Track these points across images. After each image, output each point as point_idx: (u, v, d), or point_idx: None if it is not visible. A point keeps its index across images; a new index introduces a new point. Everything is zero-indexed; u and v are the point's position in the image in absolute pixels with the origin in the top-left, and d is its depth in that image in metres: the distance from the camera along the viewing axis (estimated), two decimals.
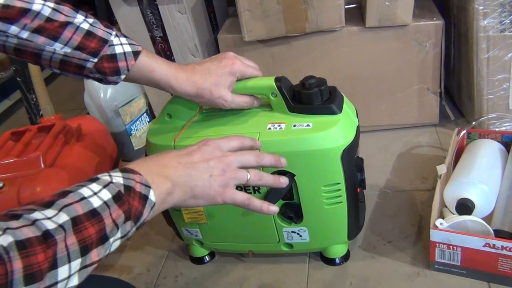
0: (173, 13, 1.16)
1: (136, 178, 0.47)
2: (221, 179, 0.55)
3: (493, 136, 0.96)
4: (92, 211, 0.41)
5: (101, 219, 0.42)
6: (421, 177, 1.03)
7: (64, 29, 0.60)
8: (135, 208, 0.45)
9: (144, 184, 0.47)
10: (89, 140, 1.05)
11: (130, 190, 0.45)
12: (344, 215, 0.78)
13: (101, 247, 0.41)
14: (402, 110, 1.18)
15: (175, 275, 0.92)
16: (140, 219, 0.46)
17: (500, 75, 1.03)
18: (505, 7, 0.96)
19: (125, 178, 0.46)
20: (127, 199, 0.44)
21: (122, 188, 0.45)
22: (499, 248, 0.70)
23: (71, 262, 0.39)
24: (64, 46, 0.61)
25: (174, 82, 0.69)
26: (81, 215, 0.40)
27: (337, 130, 0.71)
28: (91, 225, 0.41)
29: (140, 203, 0.46)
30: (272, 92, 0.74)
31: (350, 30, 1.09)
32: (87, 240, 0.40)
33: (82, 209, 0.41)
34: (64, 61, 0.63)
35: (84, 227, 0.40)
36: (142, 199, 0.46)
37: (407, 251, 0.85)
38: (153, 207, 0.48)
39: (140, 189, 0.46)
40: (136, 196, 0.46)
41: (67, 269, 0.38)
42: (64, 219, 0.39)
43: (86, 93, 1.28)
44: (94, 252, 0.41)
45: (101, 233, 0.41)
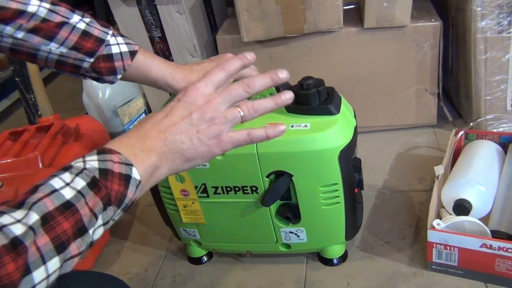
0: (172, 13, 1.16)
1: (114, 158, 0.43)
2: (211, 130, 0.48)
3: (491, 137, 0.96)
4: (65, 204, 0.38)
5: (75, 210, 0.39)
6: (419, 178, 1.03)
7: (60, 29, 0.60)
8: (115, 192, 0.42)
9: (125, 163, 0.43)
10: (87, 140, 1.05)
11: (107, 173, 0.42)
12: (341, 216, 0.78)
13: (80, 239, 0.39)
14: (400, 111, 1.19)
15: (173, 275, 0.92)
16: (124, 201, 0.43)
17: (498, 76, 1.04)
18: (503, 9, 0.96)
19: (101, 160, 0.42)
20: (104, 183, 0.41)
21: (97, 173, 0.41)
22: (496, 248, 0.71)
23: (47, 262, 0.36)
24: (60, 46, 0.61)
25: (171, 81, 0.69)
26: (51, 210, 0.38)
27: (334, 130, 0.71)
28: (65, 219, 0.38)
29: (121, 185, 0.42)
30: (270, 93, 0.75)
31: (348, 31, 1.09)
32: (61, 236, 0.37)
33: (53, 203, 0.38)
34: (60, 61, 0.63)
35: (57, 223, 0.37)
36: (123, 179, 0.43)
37: (404, 251, 0.85)
38: (138, 185, 0.44)
39: (119, 169, 0.43)
40: (115, 178, 0.42)
41: (43, 271, 0.36)
42: (34, 219, 0.37)
43: (85, 93, 1.28)
44: (73, 246, 0.38)
45: (77, 225, 0.39)
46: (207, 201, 0.80)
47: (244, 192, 0.77)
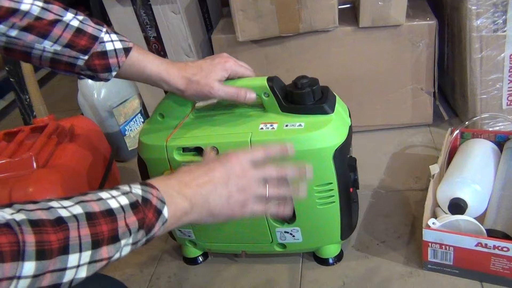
0: (167, 13, 1.16)
1: (154, 192, 0.48)
2: (240, 197, 0.55)
3: (486, 135, 0.96)
4: (108, 210, 0.43)
5: (115, 219, 0.43)
6: (415, 177, 1.03)
7: (53, 27, 0.60)
8: (149, 219, 0.46)
9: (160, 199, 0.48)
10: (82, 141, 1.05)
11: (147, 202, 0.46)
12: (337, 215, 0.78)
13: (112, 246, 0.42)
14: (396, 110, 1.18)
15: (168, 275, 0.91)
16: (151, 231, 0.47)
17: (493, 75, 1.04)
18: (498, 7, 0.96)
19: (144, 190, 0.47)
20: (143, 209, 0.45)
21: (140, 199, 0.46)
22: (491, 247, 0.70)
23: (82, 252, 0.39)
24: (54, 43, 0.61)
25: (166, 77, 0.69)
26: (96, 212, 0.42)
27: (329, 130, 0.71)
28: (105, 223, 0.42)
29: (154, 216, 0.47)
30: (264, 92, 0.74)
31: (343, 30, 1.09)
32: (99, 235, 0.41)
33: (99, 207, 0.42)
34: (55, 59, 0.63)
35: (98, 223, 0.41)
36: (157, 212, 0.47)
37: (400, 251, 0.85)
38: (164, 222, 0.48)
39: (156, 203, 0.47)
40: (152, 209, 0.47)
41: (77, 257, 0.39)
42: (78, 211, 0.41)
43: (80, 93, 1.27)
44: (104, 249, 0.41)
45: (113, 232, 0.42)
46: None
47: None
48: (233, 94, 0.72)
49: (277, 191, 0.59)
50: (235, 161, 0.57)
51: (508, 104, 1.07)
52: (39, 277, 0.36)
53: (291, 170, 0.60)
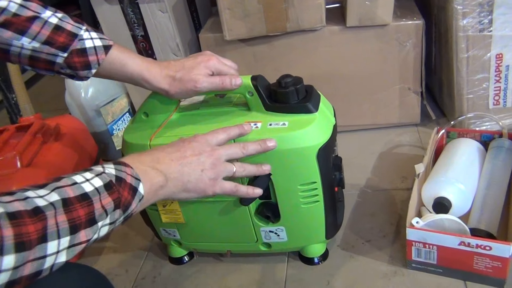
0: (154, 11, 1.15)
1: (128, 170, 0.50)
2: (212, 173, 0.59)
3: (472, 135, 0.96)
4: (83, 194, 0.44)
5: (91, 203, 0.44)
6: (401, 176, 1.03)
7: (31, 23, 0.60)
8: (124, 198, 0.47)
9: (135, 177, 0.50)
10: (68, 140, 1.04)
11: (121, 181, 0.48)
12: (321, 215, 0.78)
13: (90, 229, 0.43)
14: (383, 109, 1.19)
15: (153, 275, 0.91)
16: (128, 209, 0.48)
17: (480, 75, 1.04)
18: (483, 7, 0.96)
19: (117, 170, 0.49)
20: (117, 188, 0.47)
21: (113, 179, 0.47)
22: (474, 246, 0.71)
23: (61, 238, 0.41)
24: (32, 40, 0.60)
25: (148, 76, 0.69)
26: (72, 197, 0.43)
27: (312, 129, 0.71)
28: (81, 207, 0.43)
29: (129, 194, 0.48)
30: (248, 91, 0.74)
31: (331, 30, 1.09)
32: (76, 220, 0.42)
33: (73, 192, 0.43)
34: (33, 57, 0.62)
35: (74, 208, 0.42)
36: (132, 190, 0.49)
37: (385, 250, 0.85)
38: (141, 199, 0.50)
39: (130, 181, 0.49)
40: (126, 187, 0.48)
41: (56, 244, 0.40)
42: (55, 198, 0.41)
43: (67, 92, 1.26)
44: (82, 233, 0.43)
45: (90, 216, 0.43)
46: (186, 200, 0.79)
47: None
48: (218, 83, 0.70)
49: (242, 168, 0.64)
50: (203, 140, 0.61)
51: (495, 103, 1.07)
52: (19, 268, 0.37)
53: (253, 146, 0.65)
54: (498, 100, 1.06)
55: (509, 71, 1.03)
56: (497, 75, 1.04)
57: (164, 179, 0.54)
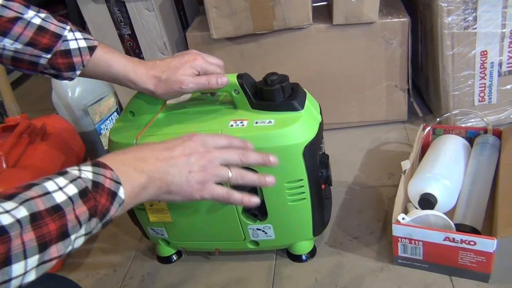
0: (141, 10, 1.15)
1: (107, 173, 0.46)
2: (200, 176, 0.54)
3: (458, 132, 0.97)
4: (55, 206, 0.40)
5: (63, 215, 0.40)
6: (388, 173, 1.04)
7: (13, 24, 0.59)
8: (102, 205, 0.44)
9: (115, 180, 0.46)
10: (54, 140, 1.04)
11: (98, 186, 0.44)
12: (308, 212, 0.78)
13: (61, 243, 0.40)
14: (371, 107, 1.19)
15: (141, 275, 0.91)
16: (106, 216, 0.45)
17: (465, 72, 1.05)
18: (468, 5, 0.97)
19: (95, 173, 0.45)
20: (93, 195, 0.43)
21: (89, 184, 0.44)
22: (459, 241, 0.71)
23: (28, 258, 0.37)
24: (15, 42, 0.59)
25: (133, 77, 0.68)
26: (42, 210, 0.39)
27: (298, 126, 0.71)
28: (52, 221, 0.39)
29: (107, 200, 0.45)
30: (234, 89, 0.74)
31: (317, 28, 1.09)
32: (46, 236, 0.39)
33: (44, 204, 0.39)
34: (16, 58, 0.61)
35: (44, 223, 0.39)
36: (110, 195, 0.45)
37: (372, 246, 0.86)
38: (121, 203, 0.47)
39: (109, 185, 0.45)
40: (104, 193, 0.45)
41: (22, 265, 0.37)
42: (22, 214, 0.38)
43: (54, 92, 1.25)
44: (53, 248, 0.40)
45: (62, 229, 0.40)
46: None
47: None
48: (204, 82, 0.70)
49: (240, 176, 0.57)
50: (198, 139, 0.56)
51: (480, 100, 1.08)
52: None
53: (254, 157, 0.59)
54: (483, 97, 1.08)
55: (494, 68, 1.04)
56: (482, 72, 1.05)
57: (147, 180, 0.50)
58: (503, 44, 1.01)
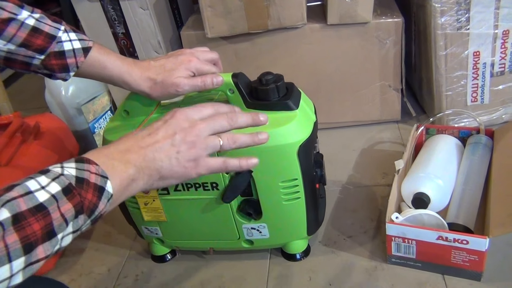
0: (135, 9, 1.15)
1: (92, 168, 0.44)
2: (190, 153, 0.51)
3: (450, 131, 0.98)
4: (37, 206, 0.39)
5: (47, 213, 0.39)
6: (382, 173, 1.05)
7: (6, 25, 0.58)
8: (88, 201, 0.43)
9: (101, 174, 0.45)
10: (48, 138, 1.03)
11: (83, 182, 0.43)
12: (302, 211, 0.78)
13: (48, 243, 0.39)
14: (365, 106, 1.20)
15: (135, 274, 0.91)
16: (95, 212, 0.44)
17: (458, 72, 1.06)
18: (461, 5, 0.98)
19: (79, 169, 0.43)
20: (78, 191, 0.42)
21: (73, 180, 0.42)
22: (452, 240, 0.72)
23: (12, 261, 0.36)
24: (8, 43, 0.59)
25: (128, 78, 0.68)
26: (24, 211, 0.38)
27: (293, 126, 0.71)
28: (36, 221, 0.38)
29: (94, 195, 0.43)
30: (229, 88, 0.74)
31: (312, 27, 1.09)
32: (30, 237, 0.37)
33: (26, 204, 0.38)
34: (9, 58, 0.61)
35: (28, 224, 0.38)
36: (97, 191, 0.44)
37: (366, 245, 0.86)
38: (110, 198, 0.45)
39: (95, 180, 0.44)
40: (90, 188, 0.43)
41: (7, 269, 0.36)
42: (5, 215, 0.37)
43: (47, 90, 1.25)
44: (40, 249, 0.38)
45: (47, 229, 0.39)
46: (168, 198, 0.79)
47: (204, 189, 0.77)
48: (200, 83, 0.69)
49: (232, 140, 0.55)
50: (180, 115, 0.53)
51: (473, 100, 1.09)
52: None
53: (243, 119, 0.56)
54: (476, 97, 1.09)
55: (486, 68, 1.05)
56: (475, 72, 1.05)
57: (135, 170, 0.48)
58: (496, 45, 1.02)
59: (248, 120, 0.57)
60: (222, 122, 0.54)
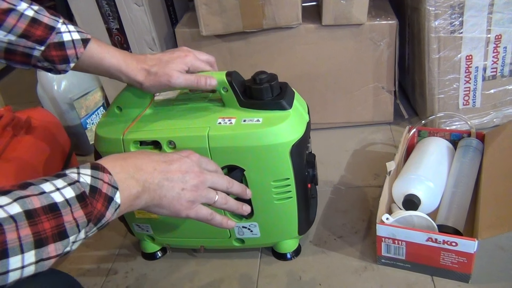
0: (130, 5, 1.14)
1: (105, 178, 0.47)
2: (192, 195, 0.55)
3: (442, 134, 0.98)
4: (51, 205, 0.40)
5: (59, 215, 0.41)
6: (374, 174, 1.05)
7: (6, 16, 0.58)
8: (97, 211, 0.44)
9: (112, 185, 0.47)
10: (39, 133, 1.02)
11: (96, 191, 0.45)
12: (294, 211, 0.79)
13: (60, 243, 0.40)
14: (358, 108, 1.20)
15: (125, 271, 0.90)
16: (101, 221, 0.45)
17: (451, 75, 1.07)
18: (454, 9, 0.99)
19: (94, 177, 0.45)
20: (90, 201, 0.44)
21: (87, 189, 0.44)
22: (441, 242, 0.72)
23: (24, 253, 0.38)
24: (8, 33, 0.59)
25: (125, 68, 0.69)
26: (37, 208, 0.39)
27: (286, 125, 0.71)
28: (47, 220, 0.40)
29: (103, 206, 0.45)
30: (223, 87, 0.74)
31: (307, 28, 1.10)
32: (41, 233, 0.39)
33: (40, 202, 0.40)
34: (9, 50, 0.61)
35: (40, 221, 0.39)
36: (107, 201, 0.46)
37: (356, 246, 0.87)
38: (117, 208, 0.47)
39: (106, 190, 0.46)
40: (101, 198, 0.45)
41: (19, 259, 0.38)
42: (16, 210, 0.38)
43: (39, 85, 1.24)
44: (51, 247, 0.40)
45: (58, 229, 0.40)
46: None
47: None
48: (193, 81, 0.70)
49: (225, 201, 0.61)
50: (194, 158, 0.58)
51: (464, 104, 1.10)
52: None
53: (237, 187, 0.64)
54: (468, 101, 1.09)
55: (478, 72, 1.06)
56: (467, 76, 1.06)
57: (141, 189, 0.51)
58: (488, 49, 1.03)
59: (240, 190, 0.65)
60: (223, 181, 0.61)
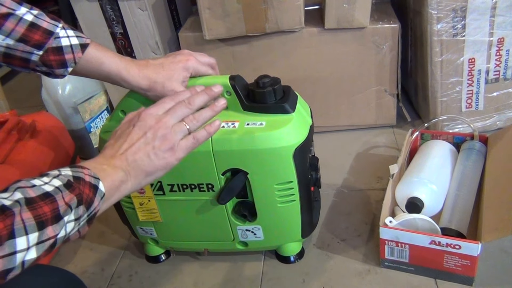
0: (134, 9, 1.15)
1: (85, 171, 0.49)
2: (165, 145, 0.55)
3: (445, 137, 0.99)
4: (45, 193, 0.43)
5: (54, 200, 0.43)
6: (377, 177, 1.05)
7: (5, 20, 0.59)
8: (86, 194, 0.47)
9: (93, 176, 0.49)
10: (44, 137, 1.03)
11: (79, 179, 0.47)
12: (297, 214, 0.79)
13: (56, 224, 0.43)
14: (360, 111, 1.21)
15: (129, 274, 0.91)
16: (91, 206, 0.48)
17: (453, 78, 1.07)
18: (457, 12, 0.99)
19: (74, 171, 0.48)
20: (77, 185, 0.46)
21: (71, 178, 0.47)
22: (444, 245, 0.73)
23: (29, 234, 0.41)
24: (6, 37, 0.59)
25: (126, 75, 0.69)
26: (34, 196, 0.42)
27: (289, 129, 0.72)
28: (45, 204, 0.42)
29: (90, 191, 0.48)
30: (226, 91, 0.74)
31: (309, 31, 1.10)
32: (42, 216, 0.42)
33: (35, 192, 0.43)
34: (8, 54, 0.61)
35: (39, 206, 0.42)
36: (92, 188, 0.48)
37: (359, 248, 0.87)
38: (102, 197, 0.49)
39: (89, 179, 0.48)
40: (86, 185, 0.47)
41: (25, 240, 0.40)
42: (18, 196, 0.41)
43: (44, 89, 1.25)
44: (50, 229, 0.43)
45: (55, 212, 0.43)
46: (163, 199, 0.79)
47: (200, 190, 0.77)
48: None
49: (196, 121, 0.58)
50: (145, 115, 0.57)
51: (467, 107, 1.10)
52: None
53: (200, 99, 0.60)
54: (471, 103, 1.10)
55: (481, 75, 1.06)
56: (470, 79, 1.07)
57: (123, 173, 0.53)
58: (491, 52, 1.04)
59: (204, 98, 0.61)
60: (182, 109, 0.58)
